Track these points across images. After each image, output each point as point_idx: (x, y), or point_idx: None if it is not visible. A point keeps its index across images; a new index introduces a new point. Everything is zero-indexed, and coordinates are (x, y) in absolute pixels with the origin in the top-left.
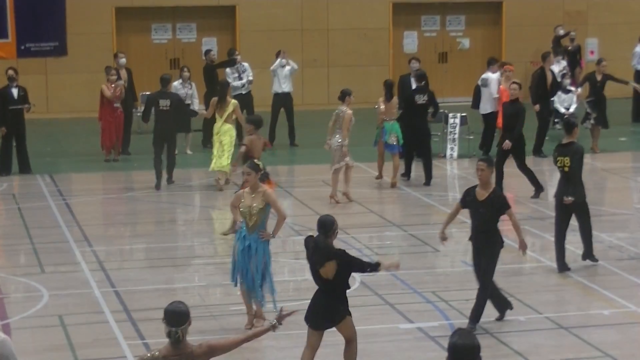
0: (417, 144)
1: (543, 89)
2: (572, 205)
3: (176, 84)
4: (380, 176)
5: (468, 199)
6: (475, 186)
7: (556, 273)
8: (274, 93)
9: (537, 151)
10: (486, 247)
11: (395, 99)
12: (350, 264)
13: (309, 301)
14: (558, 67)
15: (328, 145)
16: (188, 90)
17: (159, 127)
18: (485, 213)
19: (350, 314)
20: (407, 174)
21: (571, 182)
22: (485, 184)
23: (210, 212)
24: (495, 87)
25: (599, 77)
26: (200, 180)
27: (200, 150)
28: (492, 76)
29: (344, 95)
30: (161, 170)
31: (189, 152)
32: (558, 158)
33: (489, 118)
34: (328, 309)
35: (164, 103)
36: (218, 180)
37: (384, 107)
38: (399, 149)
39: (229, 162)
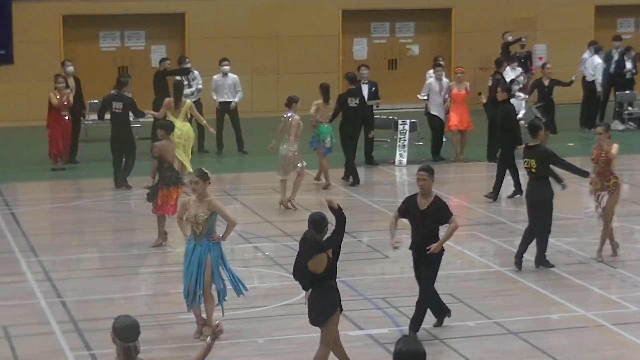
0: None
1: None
2: (538, 204)
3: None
4: (327, 184)
5: (408, 208)
6: (415, 195)
7: (505, 278)
8: (218, 101)
9: (492, 156)
10: (428, 256)
11: (332, 103)
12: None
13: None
14: (514, 73)
15: (272, 148)
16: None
17: (113, 131)
18: (428, 222)
19: (341, 309)
20: (355, 181)
21: (539, 182)
22: (427, 193)
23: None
24: (426, 90)
25: (546, 82)
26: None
27: (149, 158)
28: (428, 80)
29: (290, 102)
30: (120, 170)
31: None
32: (524, 160)
33: (434, 121)
34: (321, 305)
35: (117, 105)
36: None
37: (314, 109)
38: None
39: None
